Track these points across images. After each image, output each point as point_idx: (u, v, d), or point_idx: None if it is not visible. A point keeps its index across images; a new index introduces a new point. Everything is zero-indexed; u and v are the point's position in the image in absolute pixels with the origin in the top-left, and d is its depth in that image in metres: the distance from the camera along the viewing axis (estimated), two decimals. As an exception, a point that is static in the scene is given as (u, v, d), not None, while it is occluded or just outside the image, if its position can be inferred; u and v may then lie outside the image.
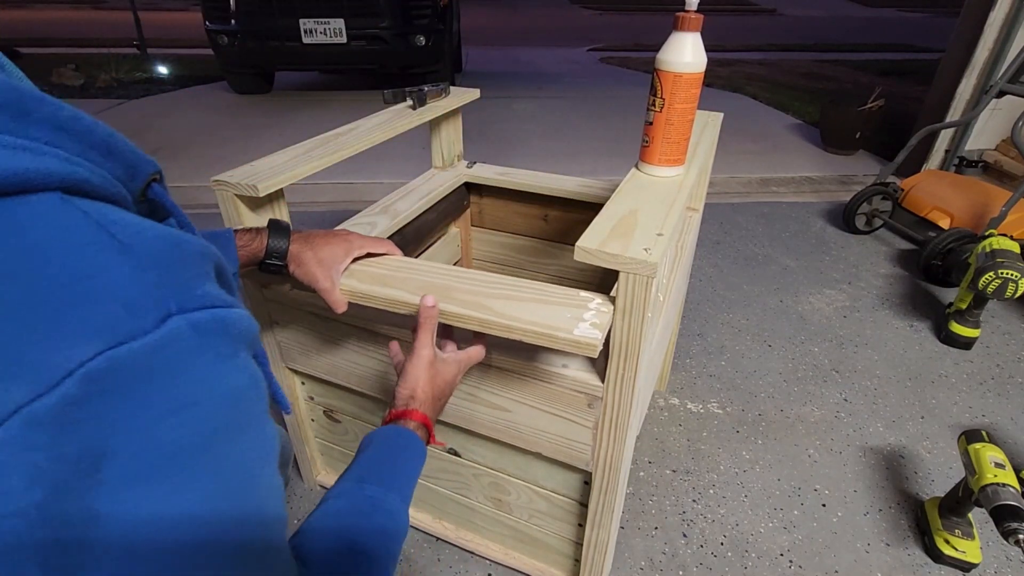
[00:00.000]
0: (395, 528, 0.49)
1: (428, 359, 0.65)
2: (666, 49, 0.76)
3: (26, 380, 0.19)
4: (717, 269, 2.27)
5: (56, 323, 0.20)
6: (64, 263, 0.20)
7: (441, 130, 1.34)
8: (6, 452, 0.18)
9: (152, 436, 0.22)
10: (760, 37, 8.91)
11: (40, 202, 0.21)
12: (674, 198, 0.79)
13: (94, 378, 0.20)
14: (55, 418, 0.19)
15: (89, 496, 0.20)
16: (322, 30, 3.96)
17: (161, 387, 0.22)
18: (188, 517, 0.23)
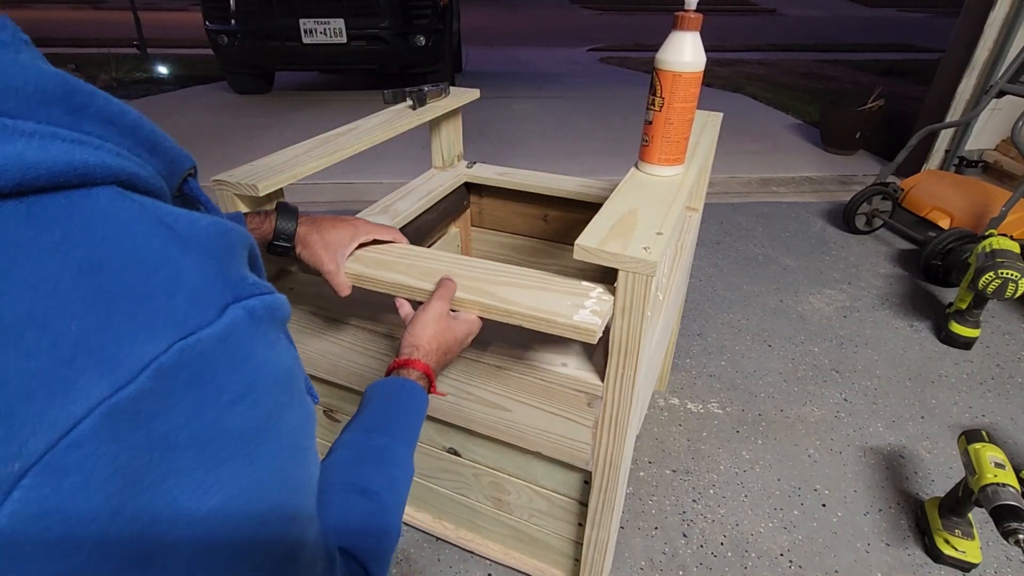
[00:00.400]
0: (403, 475, 0.51)
1: (438, 312, 0.67)
2: (665, 48, 0.76)
3: (106, 374, 0.19)
4: (717, 269, 2.27)
5: (130, 317, 0.20)
6: (132, 257, 0.21)
7: (441, 130, 1.34)
8: (88, 446, 0.19)
9: (220, 423, 0.23)
10: (760, 37, 8.91)
11: (102, 196, 0.21)
12: (674, 197, 0.79)
13: (167, 370, 0.21)
14: (133, 411, 0.20)
15: (164, 486, 0.21)
16: (322, 30, 3.96)
17: (226, 375, 0.23)
18: (254, 497, 0.24)
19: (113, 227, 0.21)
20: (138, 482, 0.20)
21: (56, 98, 0.21)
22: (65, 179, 0.20)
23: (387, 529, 0.46)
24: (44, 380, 0.18)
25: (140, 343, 0.20)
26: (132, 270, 0.21)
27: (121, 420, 0.20)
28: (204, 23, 4.07)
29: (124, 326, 0.20)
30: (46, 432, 0.18)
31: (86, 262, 0.20)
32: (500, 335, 0.84)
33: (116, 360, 0.20)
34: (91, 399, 0.19)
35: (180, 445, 0.21)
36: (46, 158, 0.20)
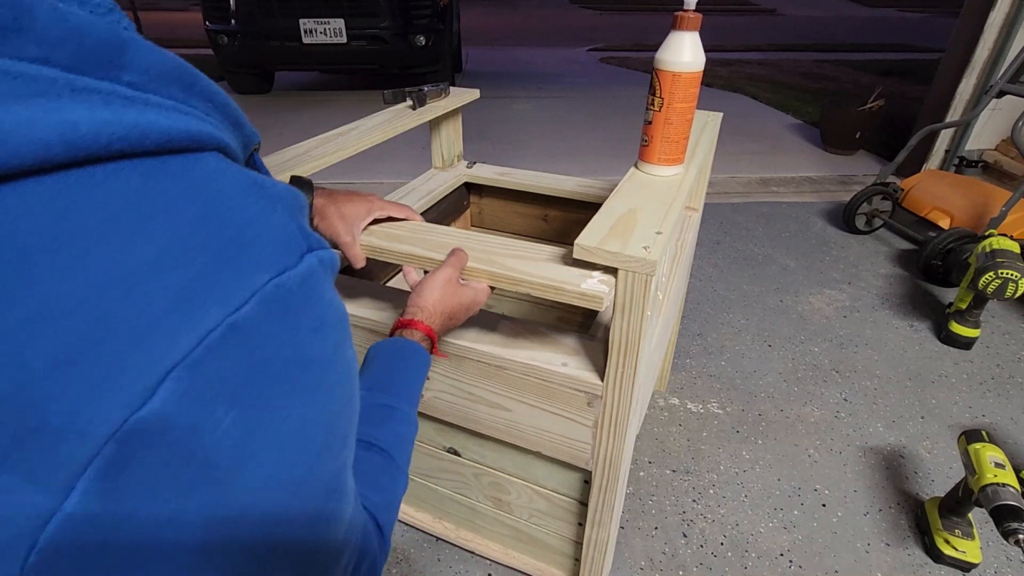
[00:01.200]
0: (407, 432, 0.54)
1: (446, 276, 0.69)
2: (665, 48, 0.76)
3: (224, 300, 0.24)
4: (717, 269, 2.27)
5: (238, 258, 0.25)
6: (237, 209, 0.26)
7: (441, 130, 1.34)
8: (216, 352, 0.23)
9: (302, 349, 0.27)
10: (760, 37, 8.91)
11: (209, 159, 0.26)
12: (673, 197, 0.79)
13: (266, 300, 0.25)
14: (243, 332, 0.24)
15: (263, 405, 0.25)
16: (322, 30, 3.96)
17: (305, 309, 0.27)
18: (332, 413, 0.30)
19: (221, 184, 0.26)
20: (251, 397, 0.25)
21: (174, 78, 0.26)
22: (186, 144, 0.25)
23: (395, 483, 0.48)
24: (183, 302, 0.23)
25: (246, 279, 0.25)
26: (238, 220, 0.26)
27: (236, 337, 0.24)
28: (204, 23, 4.06)
29: (234, 265, 0.25)
30: (185, 341, 0.22)
31: (205, 210, 0.25)
32: (502, 331, 0.84)
33: (230, 291, 0.24)
34: (214, 320, 0.23)
35: (276, 366, 0.26)
36: (174, 125, 0.24)
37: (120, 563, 0.22)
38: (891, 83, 5.23)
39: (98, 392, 0.21)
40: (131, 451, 0.21)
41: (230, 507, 0.25)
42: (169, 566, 0.24)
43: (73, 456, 0.21)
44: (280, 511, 0.27)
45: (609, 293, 0.67)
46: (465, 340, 0.83)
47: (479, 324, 0.86)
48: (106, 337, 0.21)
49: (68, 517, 0.21)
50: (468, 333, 0.84)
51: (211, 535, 0.24)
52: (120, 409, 0.21)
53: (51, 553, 0.21)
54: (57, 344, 0.20)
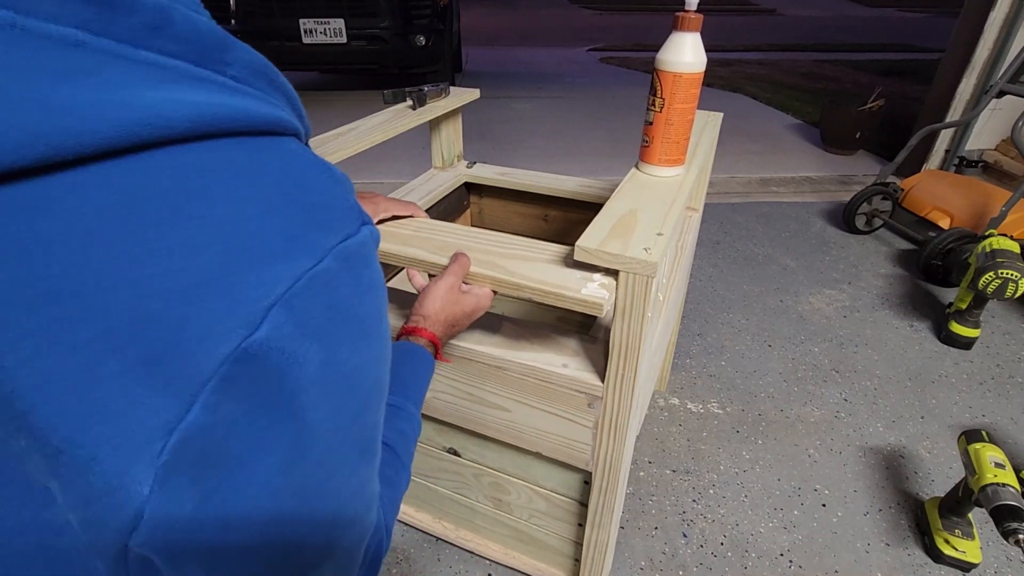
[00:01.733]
0: (411, 431, 0.57)
1: (449, 285, 0.71)
2: (666, 49, 0.76)
3: (309, 254, 0.28)
4: (717, 269, 2.27)
5: (321, 217, 0.30)
6: (315, 182, 0.31)
7: (441, 130, 1.34)
8: (303, 296, 0.27)
9: (360, 305, 0.32)
10: (760, 37, 8.91)
11: (292, 142, 0.31)
12: (674, 198, 0.79)
13: (339, 256, 0.30)
14: (323, 281, 0.28)
15: (335, 344, 0.29)
16: (322, 30, 3.96)
17: (363, 271, 0.32)
18: (380, 361, 0.35)
19: (302, 161, 0.31)
20: (327, 336, 0.29)
21: (263, 74, 0.31)
22: (274, 128, 0.30)
23: (399, 479, 0.51)
24: (281, 250, 0.27)
25: (324, 237, 0.29)
26: (317, 189, 0.31)
27: (317, 286, 0.28)
28: (204, 23, 4.06)
29: (316, 224, 0.29)
30: (284, 282, 0.27)
31: (294, 180, 0.30)
32: (502, 332, 0.84)
33: (315, 246, 0.29)
34: (304, 266, 0.28)
35: (344, 314, 0.30)
36: (269, 112, 0.30)
37: (220, 470, 0.27)
38: (891, 83, 5.23)
39: (223, 316, 0.25)
40: (241, 372, 0.25)
41: (306, 438, 0.29)
42: (255, 483, 0.28)
43: (200, 371, 0.25)
44: (337, 447, 0.31)
45: (609, 299, 0.67)
46: (466, 341, 0.83)
47: (480, 325, 0.86)
48: (230, 270, 0.26)
49: (189, 425, 0.25)
50: (469, 334, 0.84)
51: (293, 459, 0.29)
52: (237, 334, 0.25)
53: (175, 454, 0.25)
54: (194, 273, 0.25)
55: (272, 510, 0.29)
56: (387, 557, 1.16)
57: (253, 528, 0.29)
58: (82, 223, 0.24)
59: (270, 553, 0.30)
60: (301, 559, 0.32)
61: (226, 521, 0.28)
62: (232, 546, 0.28)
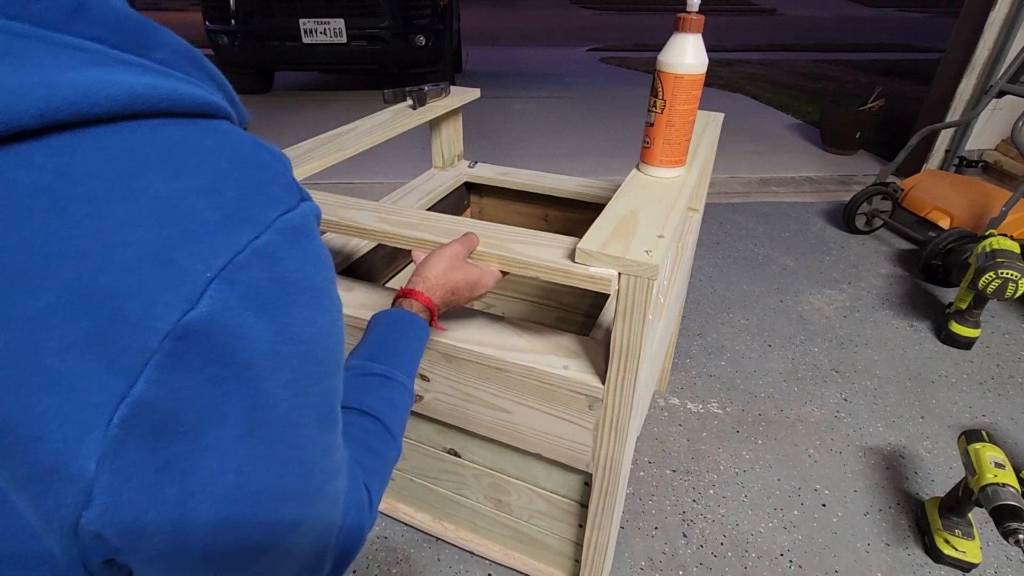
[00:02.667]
0: (402, 400, 0.55)
1: (453, 252, 0.70)
2: (667, 50, 0.76)
3: (250, 226, 0.28)
4: (717, 269, 2.27)
5: (261, 191, 0.30)
6: (257, 157, 0.31)
7: (441, 130, 1.34)
8: (246, 270, 0.28)
9: (311, 275, 0.32)
10: (760, 37, 8.90)
11: (224, 124, 0.32)
12: (675, 199, 0.79)
13: (280, 230, 0.30)
14: (267, 253, 0.29)
15: (285, 314, 0.30)
16: (322, 30, 3.95)
17: (308, 244, 0.32)
18: (334, 332, 0.35)
19: (236, 139, 0.31)
20: (274, 308, 0.29)
21: (189, 59, 0.32)
22: (206, 110, 0.30)
23: (387, 450, 0.50)
24: (221, 224, 0.27)
25: (265, 211, 0.30)
26: (256, 165, 0.31)
27: (260, 258, 0.28)
28: (204, 23, 4.06)
29: (257, 198, 0.30)
30: (224, 255, 0.27)
31: (232, 157, 0.30)
32: (502, 333, 0.84)
33: (256, 219, 0.29)
34: (245, 239, 0.28)
35: (292, 285, 0.30)
36: (199, 94, 0.30)
37: (175, 443, 0.27)
38: (891, 83, 5.23)
39: (163, 292, 0.25)
40: (184, 347, 0.26)
41: (262, 408, 0.29)
42: (214, 453, 0.28)
43: (143, 347, 0.25)
44: (296, 414, 0.32)
45: (617, 278, 0.67)
46: (466, 342, 0.83)
47: (479, 325, 0.86)
48: (168, 245, 0.26)
49: (136, 399, 0.25)
50: (469, 335, 0.84)
51: (250, 428, 0.29)
52: (177, 309, 0.25)
53: (123, 429, 0.25)
54: (133, 249, 0.25)
55: (234, 481, 0.29)
56: (387, 557, 1.16)
57: (216, 499, 0.29)
58: (15, 201, 0.24)
59: (238, 525, 0.30)
60: (270, 530, 0.32)
61: (187, 493, 0.28)
62: (196, 520, 0.28)
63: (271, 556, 0.32)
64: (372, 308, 0.89)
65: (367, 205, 0.87)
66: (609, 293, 0.69)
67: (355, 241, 1.13)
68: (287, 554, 0.33)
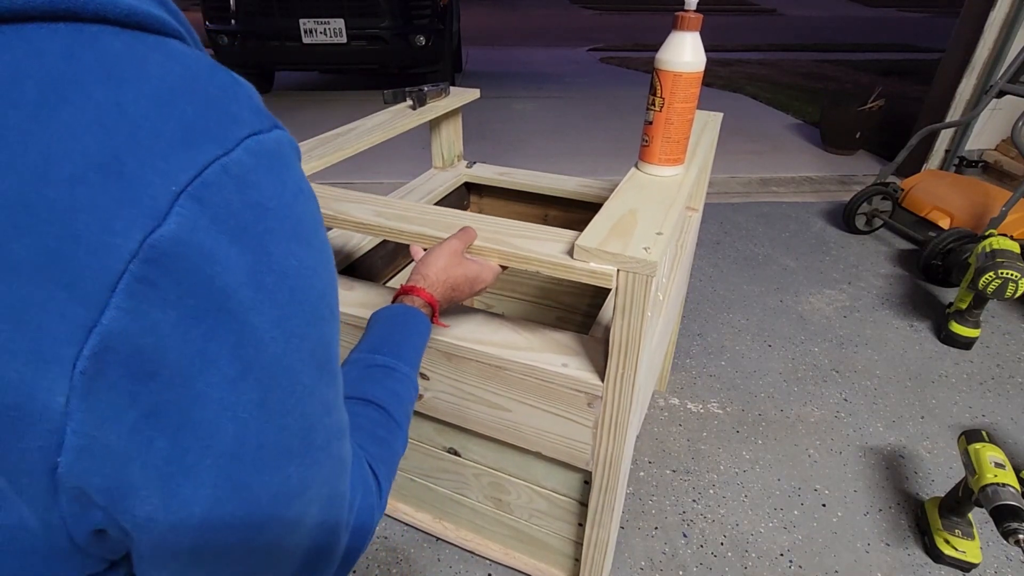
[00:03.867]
0: (406, 391, 0.54)
1: (452, 248, 0.69)
2: (666, 49, 0.76)
3: (216, 142, 0.26)
4: (717, 269, 2.27)
5: (224, 106, 0.27)
6: (210, 74, 0.28)
7: (441, 130, 1.34)
8: (215, 187, 0.25)
9: (291, 208, 0.29)
10: (760, 37, 8.90)
11: (175, 42, 0.28)
12: (674, 197, 0.79)
13: (253, 151, 0.27)
14: (237, 173, 0.26)
15: (264, 239, 0.27)
16: (322, 30, 3.96)
17: (287, 172, 0.29)
18: (324, 271, 0.31)
19: (191, 58, 0.28)
20: (251, 234, 0.26)
21: None
22: (152, 24, 0.27)
23: (393, 438, 0.49)
24: (179, 137, 0.24)
25: (231, 128, 0.26)
26: (214, 83, 0.27)
27: (231, 178, 0.25)
28: (204, 23, 4.06)
29: (218, 116, 0.26)
30: (188, 169, 0.24)
31: (185, 73, 0.26)
32: (502, 331, 0.84)
33: (220, 135, 0.26)
34: (210, 155, 0.25)
35: (272, 213, 0.27)
36: (140, 5, 0.26)
37: (164, 390, 0.24)
38: (891, 83, 5.23)
39: (118, 207, 0.23)
40: (155, 272, 0.23)
41: (252, 346, 0.26)
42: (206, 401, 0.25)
43: (105, 269, 0.22)
44: (289, 357, 0.29)
45: (616, 274, 0.67)
46: (465, 340, 0.83)
47: (479, 324, 0.86)
48: (119, 156, 0.23)
49: (107, 330, 0.22)
50: (468, 333, 0.84)
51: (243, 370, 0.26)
52: (139, 226, 0.23)
53: (95, 362, 0.23)
54: (77, 159, 0.22)
55: (234, 433, 0.26)
56: (387, 557, 1.16)
57: (217, 455, 0.26)
58: None
59: (243, 487, 0.27)
60: (277, 493, 0.29)
61: (181, 448, 0.25)
62: (196, 479, 0.26)
63: (281, 525, 0.30)
64: (373, 307, 0.89)
65: (364, 199, 0.87)
66: (610, 288, 0.69)
67: (355, 240, 1.13)
68: (298, 523, 0.31)
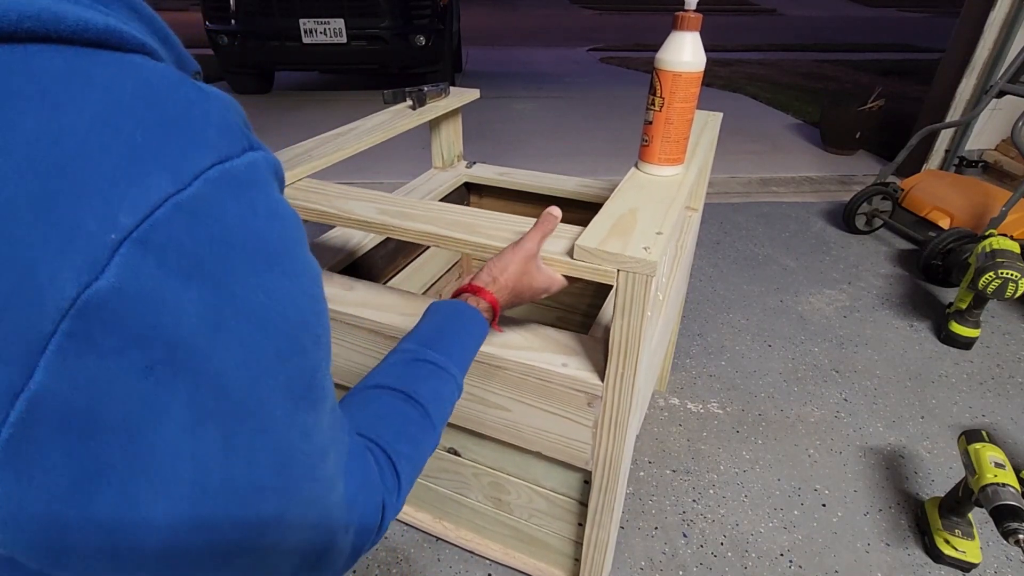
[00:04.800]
0: (450, 393, 0.53)
1: (529, 252, 0.68)
2: (665, 48, 0.76)
3: (169, 175, 0.23)
4: (717, 269, 2.27)
5: (180, 134, 0.24)
6: (173, 93, 0.25)
7: (441, 130, 1.34)
8: (164, 229, 0.23)
9: (261, 234, 0.26)
10: (760, 37, 8.91)
11: (136, 57, 0.25)
12: (673, 197, 0.79)
13: (214, 182, 0.24)
14: (192, 209, 0.23)
15: (226, 279, 0.25)
16: (322, 30, 3.96)
17: (257, 196, 0.26)
18: (301, 301, 0.29)
19: (153, 72, 0.25)
20: (209, 272, 0.24)
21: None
22: (107, 39, 0.24)
23: (426, 439, 0.48)
24: (123, 171, 0.22)
25: (190, 156, 0.24)
26: (175, 101, 0.25)
27: (186, 215, 0.23)
28: (204, 23, 4.06)
29: (176, 141, 0.24)
30: (132, 211, 0.22)
31: (139, 91, 0.24)
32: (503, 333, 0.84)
33: (175, 166, 0.23)
34: (162, 191, 0.23)
35: (235, 245, 0.25)
36: (92, 18, 0.24)
37: (104, 445, 0.22)
38: (891, 83, 5.23)
39: (48, 258, 0.20)
40: (88, 327, 0.21)
41: (211, 392, 0.24)
42: (163, 450, 0.23)
43: (30, 330, 0.20)
44: (258, 396, 0.26)
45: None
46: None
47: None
48: (48, 198, 0.20)
49: (34, 395, 0.20)
50: (468, 333, 0.84)
51: (199, 417, 0.24)
52: (71, 280, 0.20)
53: (22, 428, 0.21)
54: (4, 203, 0.20)
55: (192, 477, 0.24)
56: (387, 557, 1.16)
57: (175, 498, 0.24)
58: None
59: (206, 525, 0.26)
60: (247, 526, 0.28)
61: (130, 497, 0.23)
62: (152, 522, 0.24)
63: (254, 553, 0.29)
64: (373, 307, 0.90)
65: (366, 196, 0.87)
66: (612, 284, 0.69)
67: (356, 239, 1.13)
68: (273, 550, 0.30)
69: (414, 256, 1.34)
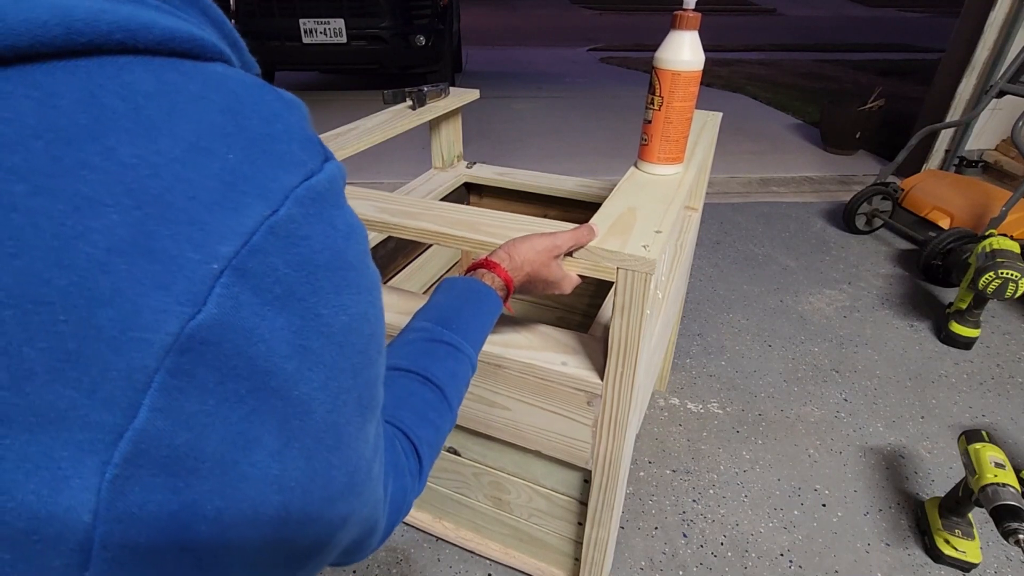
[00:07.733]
0: (465, 374, 0.52)
1: (555, 245, 0.67)
2: (664, 47, 0.76)
3: (262, 197, 0.23)
4: (717, 269, 2.27)
5: (268, 153, 0.24)
6: (257, 106, 0.24)
7: (441, 130, 1.34)
8: (261, 255, 0.22)
9: (342, 253, 0.26)
10: (760, 37, 8.91)
11: (217, 66, 0.25)
12: (673, 196, 0.79)
13: (301, 201, 0.24)
14: (285, 231, 0.23)
15: (312, 303, 0.24)
16: (322, 30, 3.96)
17: (336, 213, 0.26)
18: (373, 315, 0.29)
19: (237, 83, 0.24)
20: (298, 299, 0.24)
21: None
22: (190, 48, 0.23)
23: (443, 421, 0.48)
24: (219, 197, 0.21)
25: (280, 176, 0.24)
26: (260, 116, 0.24)
27: (280, 239, 0.23)
28: (204, 23, 4.06)
29: (265, 160, 0.23)
30: (231, 240, 0.21)
31: (225, 106, 0.23)
32: (501, 330, 0.84)
33: (266, 187, 0.23)
34: (257, 216, 0.22)
35: (320, 266, 0.25)
36: (177, 27, 0.23)
37: (202, 480, 0.22)
38: (891, 83, 5.23)
39: (149, 293, 0.20)
40: (192, 363, 0.21)
41: (297, 417, 0.25)
42: (251, 482, 0.24)
43: (135, 367, 0.20)
44: (336, 414, 0.27)
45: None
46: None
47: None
48: (148, 231, 0.20)
49: (139, 434, 0.20)
50: (468, 332, 0.84)
51: (287, 442, 0.24)
52: (174, 315, 0.20)
53: (127, 468, 0.20)
54: (103, 239, 0.19)
55: (279, 502, 0.25)
56: (387, 557, 1.16)
57: (261, 524, 0.25)
58: None
59: (286, 541, 0.27)
60: (322, 532, 0.29)
61: (224, 527, 0.24)
62: (238, 545, 0.25)
63: (320, 555, 0.30)
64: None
65: (367, 195, 0.87)
66: (614, 281, 0.69)
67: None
68: (335, 548, 0.31)
69: (414, 256, 1.34)
